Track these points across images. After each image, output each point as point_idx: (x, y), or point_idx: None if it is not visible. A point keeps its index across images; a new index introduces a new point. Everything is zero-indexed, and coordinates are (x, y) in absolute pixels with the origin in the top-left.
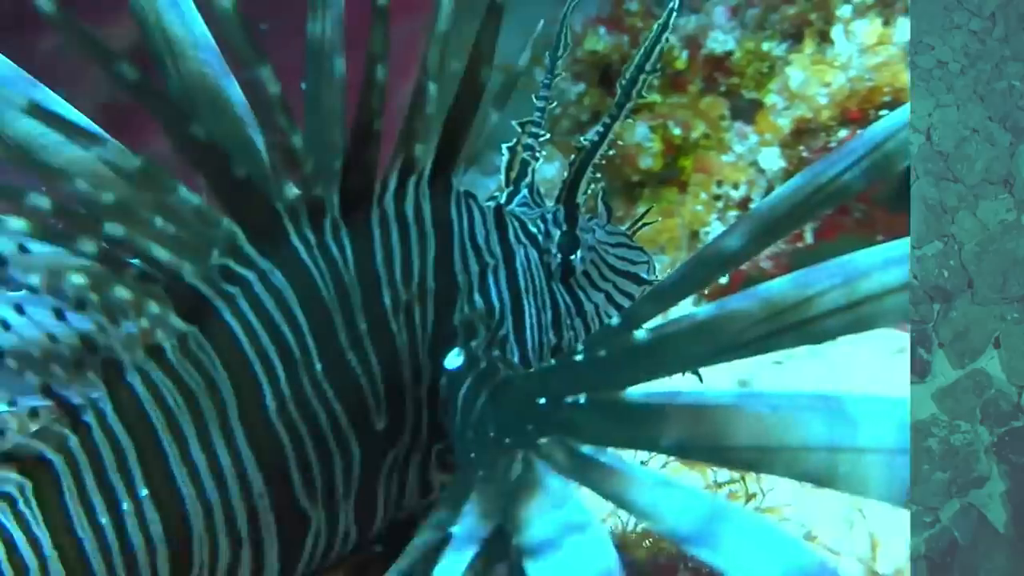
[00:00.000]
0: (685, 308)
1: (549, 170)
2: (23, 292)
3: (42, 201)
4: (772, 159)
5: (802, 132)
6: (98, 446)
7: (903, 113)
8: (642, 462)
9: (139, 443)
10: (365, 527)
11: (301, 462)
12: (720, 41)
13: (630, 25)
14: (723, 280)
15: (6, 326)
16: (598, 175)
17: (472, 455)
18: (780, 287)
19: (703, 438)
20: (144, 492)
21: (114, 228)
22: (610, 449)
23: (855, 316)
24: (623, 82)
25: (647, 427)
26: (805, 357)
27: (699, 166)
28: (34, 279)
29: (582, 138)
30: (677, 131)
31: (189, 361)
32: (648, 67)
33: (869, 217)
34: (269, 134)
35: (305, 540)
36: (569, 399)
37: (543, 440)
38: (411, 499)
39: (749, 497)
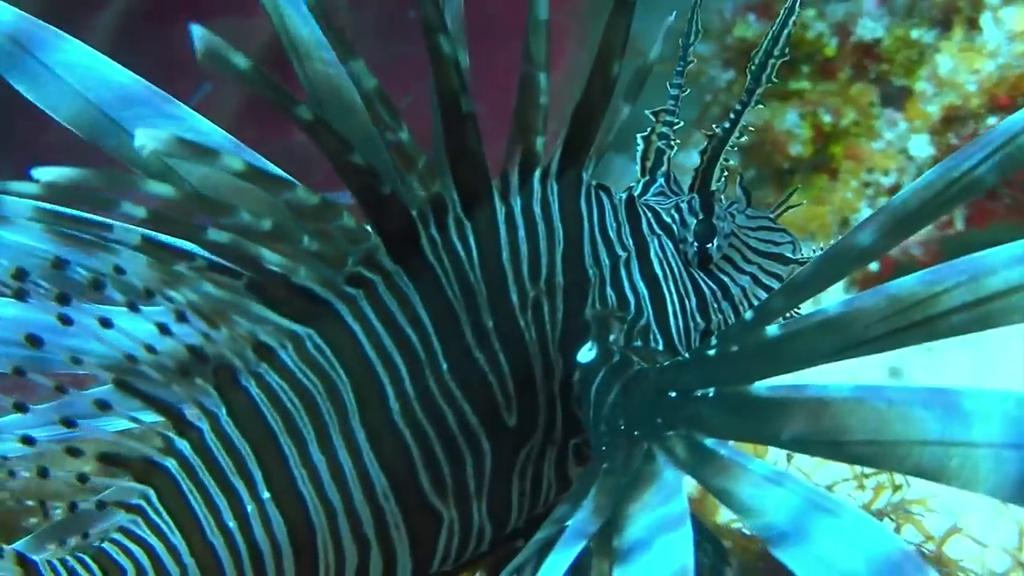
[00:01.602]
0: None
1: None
2: (124, 308)
3: (137, 211)
4: (921, 146)
5: (951, 119)
6: (212, 449)
7: None
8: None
9: (257, 445)
10: (500, 524)
11: (429, 461)
12: (869, 28)
13: (779, 12)
14: (874, 267)
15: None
16: (730, 161)
17: (603, 448)
18: (908, 284)
19: (822, 433)
20: (267, 494)
21: (218, 235)
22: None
23: (980, 313)
24: (752, 68)
25: (771, 421)
26: (957, 347)
27: (849, 153)
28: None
29: (714, 126)
30: (827, 118)
31: (306, 363)
32: (776, 52)
33: (1019, 203)
34: (379, 129)
35: (438, 538)
36: (699, 393)
37: (669, 433)
38: (549, 494)
39: (895, 488)
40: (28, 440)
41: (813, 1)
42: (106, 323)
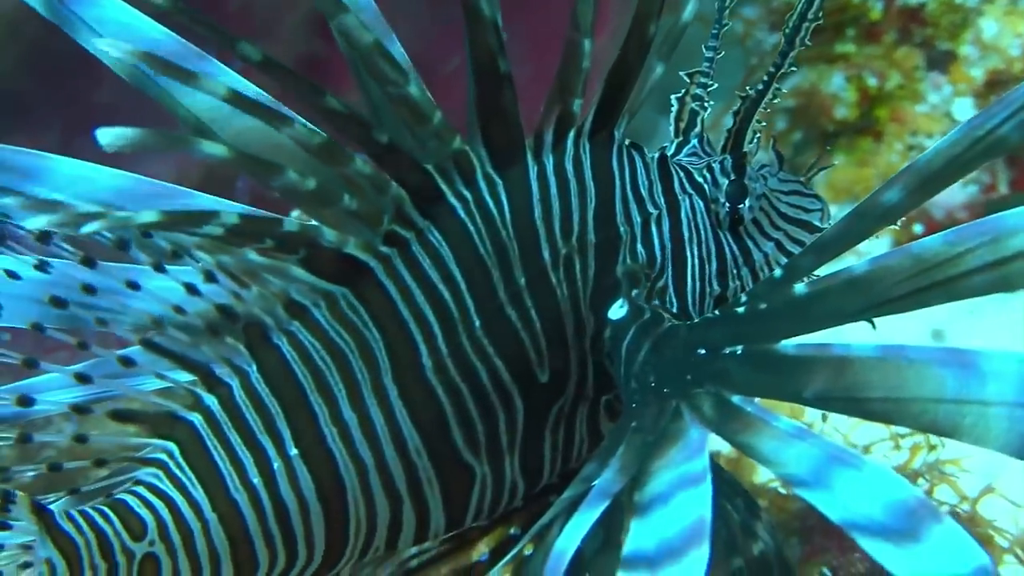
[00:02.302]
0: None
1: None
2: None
3: (230, 215)
4: (965, 110)
5: (995, 83)
6: (241, 406)
7: None
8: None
9: (286, 403)
10: (533, 479)
11: (462, 417)
12: None
13: None
14: (919, 230)
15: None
16: (763, 123)
17: (634, 405)
18: (931, 244)
19: (843, 389)
20: (294, 451)
21: (291, 224)
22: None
23: (1000, 274)
24: (786, 31)
25: (795, 378)
26: (998, 309)
27: (894, 116)
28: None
29: (747, 87)
30: (872, 81)
31: (339, 322)
32: (810, 15)
33: None
34: (384, 86)
35: (471, 493)
36: (727, 350)
37: (697, 390)
38: (582, 449)
39: (931, 448)
40: (27, 400)
41: None
42: (134, 286)
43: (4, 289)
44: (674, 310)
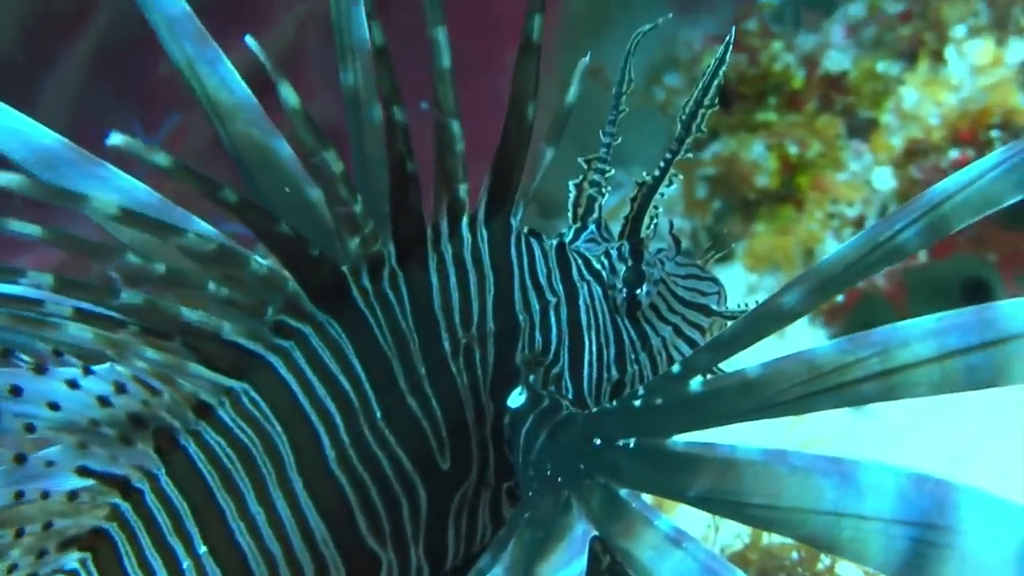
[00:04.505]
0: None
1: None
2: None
3: (44, 278)
4: (886, 178)
5: (914, 152)
6: (152, 510)
7: (960, 176)
8: None
9: (194, 502)
10: (437, 565)
11: (366, 506)
12: (836, 60)
13: (748, 44)
14: (840, 298)
15: (54, 410)
16: (659, 209)
17: (530, 493)
18: (826, 352)
19: (725, 493)
20: (203, 549)
21: (132, 296)
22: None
23: (888, 384)
24: (683, 117)
25: (680, 477)
26: None
27: (815, 184)
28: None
29: (644, 174)
30: (794, 149)
31: (242, 418)
32: (706, 102)
33: (981, 236)
34: (333, 205)
35: None
36: (620, 442)
37: (588, 481)
38: (485, 534)
39: None
40: None
41: (783, 33)
42: (54, 407)
43: None
44: (570, 396)
